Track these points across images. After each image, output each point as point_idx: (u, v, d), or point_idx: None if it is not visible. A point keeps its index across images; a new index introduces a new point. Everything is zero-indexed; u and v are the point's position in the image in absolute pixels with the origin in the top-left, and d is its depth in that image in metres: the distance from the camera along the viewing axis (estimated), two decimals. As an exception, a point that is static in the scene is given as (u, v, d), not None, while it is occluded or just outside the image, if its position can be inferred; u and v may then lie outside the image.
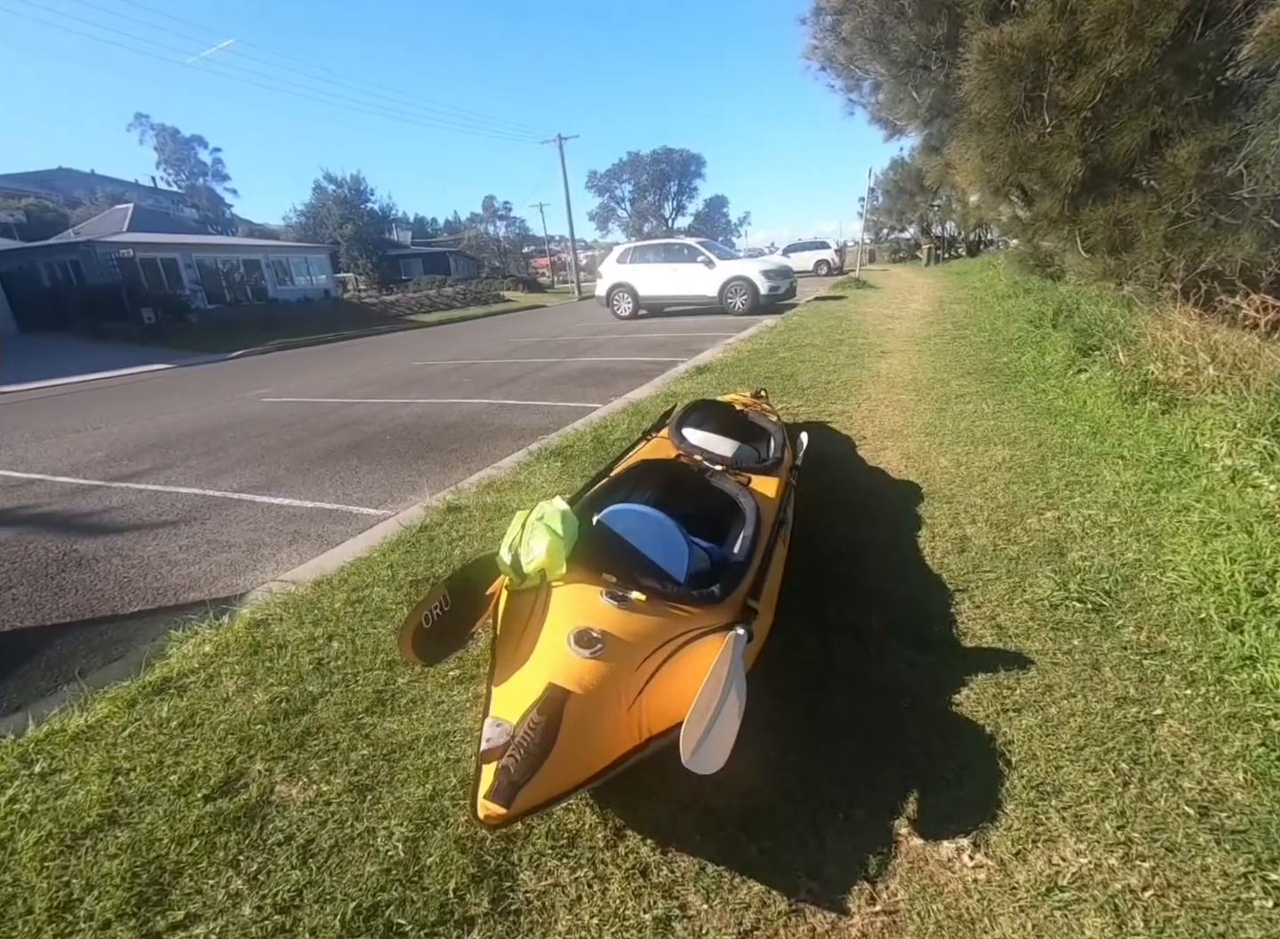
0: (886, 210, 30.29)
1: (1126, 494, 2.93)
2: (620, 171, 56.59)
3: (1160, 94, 5.51)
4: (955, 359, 6.35)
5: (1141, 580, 2.24)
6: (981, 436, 3.85)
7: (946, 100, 7.47)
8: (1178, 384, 4.01)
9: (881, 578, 2.33)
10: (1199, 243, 5.73)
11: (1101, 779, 1.37)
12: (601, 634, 1.24)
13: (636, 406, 4.81)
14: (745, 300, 11.72)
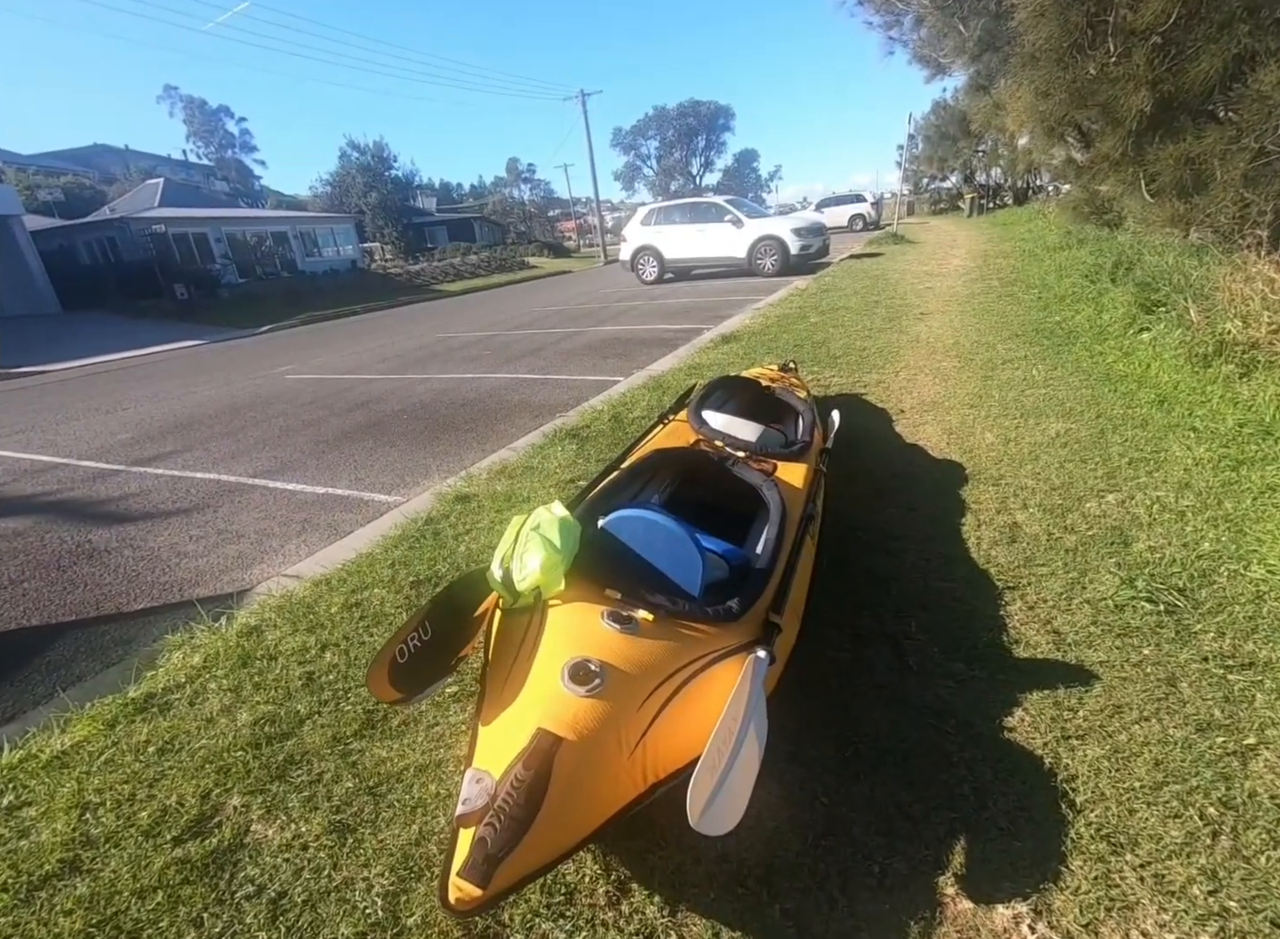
0: (927, 158, 28.45)
1: (1200, 473, 2.63)
2: (646, 128, 54.61)
3: (1247, 10, 4.88)
4: (1001, 320, 5.91)
5: (1221, 576, 1.98)
6: (1031, 408, 3.54)
7: (997, 32, 6.83)
8: (1260, 344, 3.60)
9: (922, 574, 2.12)
10: (1282, 181, 5.15)
11: (1186, 828, 1.18)
12: (601, 667, 1.09)
13: (658, 381, 4.58)
14: (775, 261, 11.19)
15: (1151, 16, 5.05)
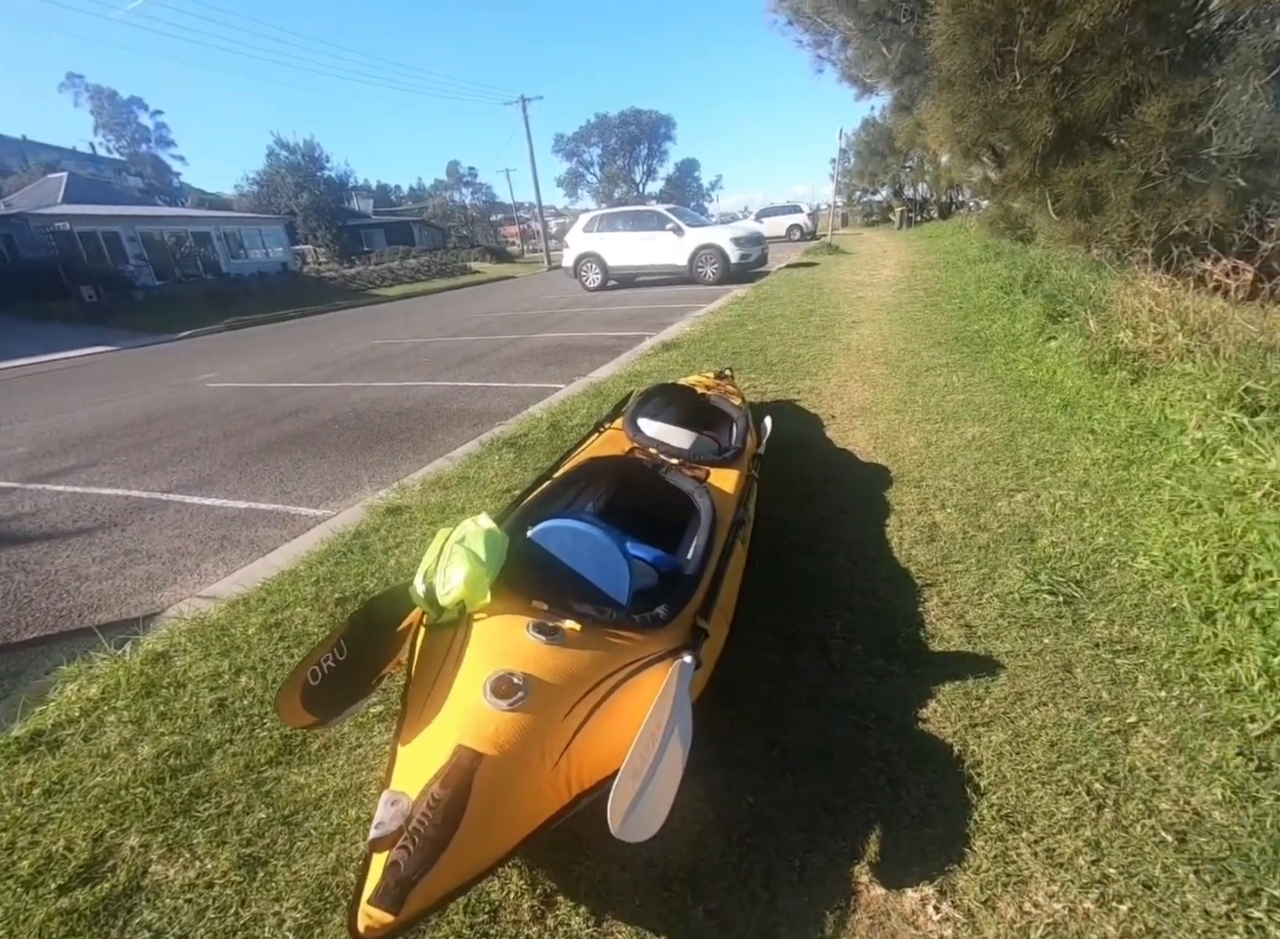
0: (858, 172, 29.76)
1: (1097, 471, 2.84)
2: (588, 135, 54.75)
3: (1131, 47, 5.34)
4: (926, 328, 6.22)
5: (1113, 567, 2.15)
6: (951, 412, 3.74)
7: (916, 56, 7.20)
8: (1148, 353, 3.92)
9: (849, 575, 2.20)
10: (1168, 204, 5.64)
11: (1075, 804, 1.27)
12: (524, 679, 1.08)
13: (598, 388, 4.59)
14: (716, 269, 11.42)
15: (1051, 49, 5.45)
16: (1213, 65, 5.27)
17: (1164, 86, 5.28)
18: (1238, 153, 5.16)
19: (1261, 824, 1.20)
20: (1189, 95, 5.21)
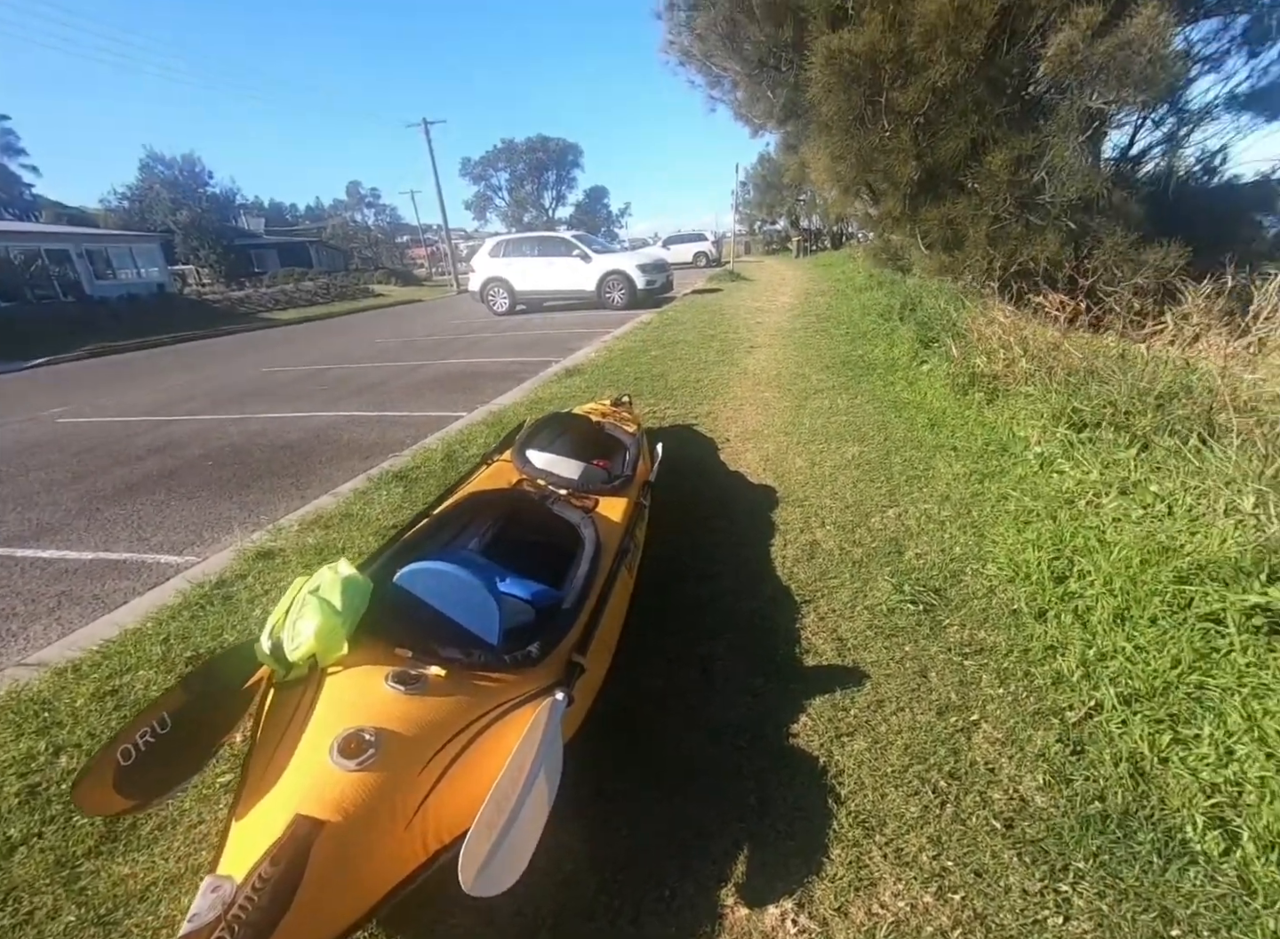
0: (757, 204, 31.55)
1: (957, 486, 3.11)
2: (495, 159, 54.73)
3: (977, 104, 6.01)
4: (816, 352, 6.63)
5: (967, 575, 2.36)
6: (835, 433, 3.99)
7: (798, 101, 7.72)
8: (999, 376, 4.37)
9: (735, 596, 2.28)
10: (1014, 242, 6.35)
11: (922, 802, 1.37)
12: (376, 735, 1.04)
13: (498, 416, 4.54)
14: (623, 294, 11.66)
15: (911, 101, 6.01)
16: (1043, 123, 6.00)
17: (1005, 140, 5.96)
18: (1066, 199, 5.89)
19: (1073, 803, 1.34)
20: (1025, 148, 5.91)
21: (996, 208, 6.28)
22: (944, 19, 5.35)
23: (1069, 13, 5.17)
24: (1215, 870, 1.17)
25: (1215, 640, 1.75)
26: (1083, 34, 5.10)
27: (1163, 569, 2.01)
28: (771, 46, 7.20)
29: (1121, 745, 1.49)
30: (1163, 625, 1.84)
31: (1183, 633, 1.79)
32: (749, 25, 7.25)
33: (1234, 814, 1.28)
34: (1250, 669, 1.62)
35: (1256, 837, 1.21)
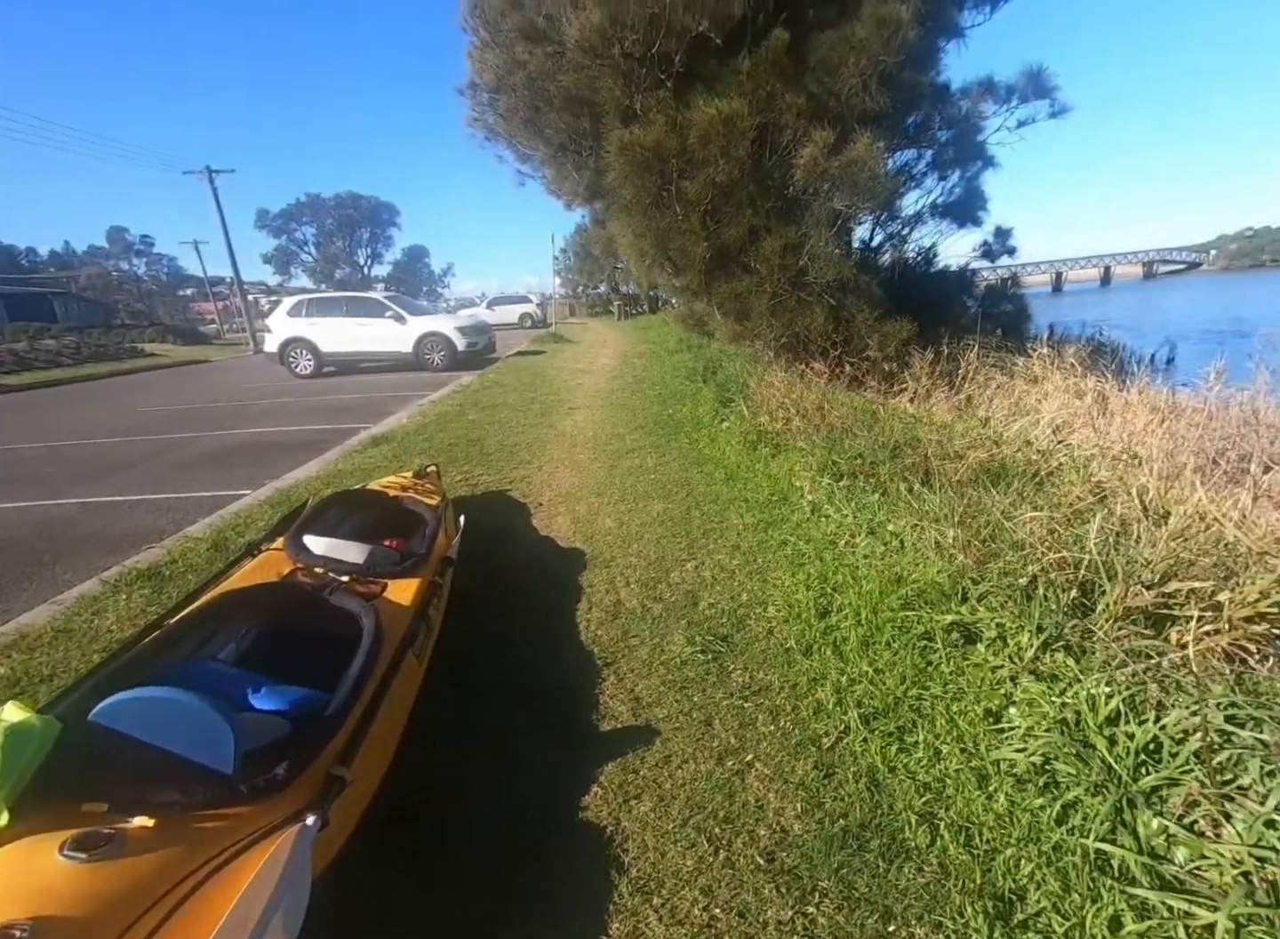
0: (578, 269, 33.26)
1: (746, 535, 3.45)
2: (299, 213, 51.50)
3: (751, 199, 6.99)
4: (631, 413, 7.02)
5: (751, 619, 2.60)
6: (643, 492, 4.22)
7: (600, 183, 8.39)
8: (780, 433, 4.99)
9: (536, 666, 2.28)
10: (790, 314, 7.37)
11: (698, 854, 1.45)
12: (33, 928, 0.86)
13: (286, 494, 4.13)
14: (444, 357, 11.44)
15: (696, 192, 6.80)
16: (803, 218, 7.13)
17: (776, 229, 6.97)
18: (825, 281, 7.00)
19: (823, 825, 1.51)
20: (791, 237, 6.95)
21: (773, 285, 7.27)
22: (715, 127, 6.21)
23: (810, 133, 6.29)
24: (923, 862, 1.39)
25: (930, 655, 2.11)
26: (821, 151, 6.22)
27: (893, 598, 2.40)
28: (572, 133, 7.78)
29: (862, 762, 1.72)
30: (894, 648, 2.19)
31: (907, 653, 2.14)
32: (549, 113, 7.79)
33: (939, 807, 1.53)
34: (952, 677, 1.98)
35: (950, 823, 1.46)
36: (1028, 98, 7.66)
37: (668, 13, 5.58)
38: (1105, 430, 4.67)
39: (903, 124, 7.71)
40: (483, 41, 6.96)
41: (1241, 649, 1.78)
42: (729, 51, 6.26)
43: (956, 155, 8.00)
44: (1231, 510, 2.26)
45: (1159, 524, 2.28)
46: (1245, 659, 1.77)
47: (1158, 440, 4.24)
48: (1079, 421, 4.94)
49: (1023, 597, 2.07)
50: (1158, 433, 4.42)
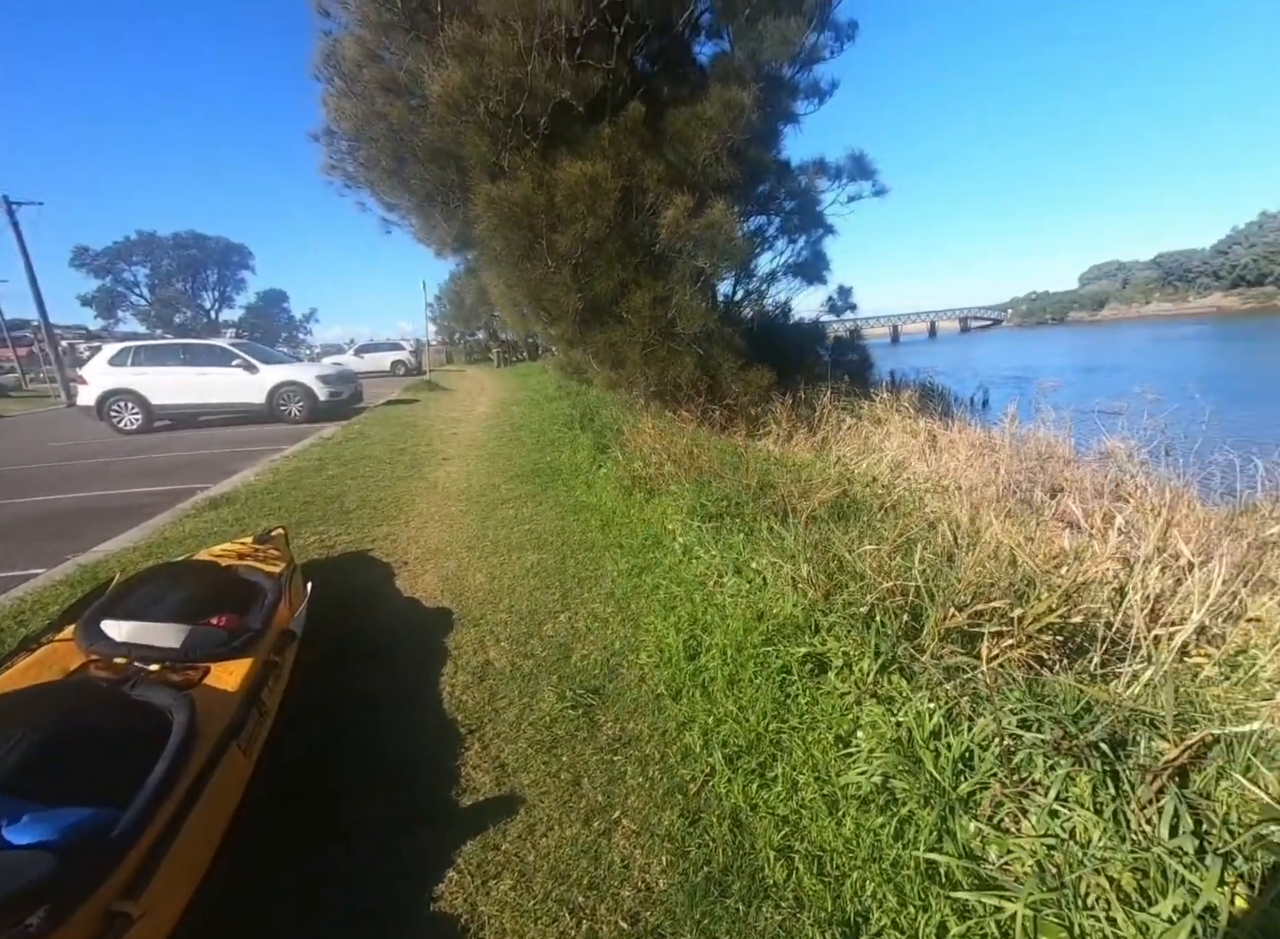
0: (454, 316, 32.70)
1: (621, 582, 3.46)
2: (128, 252, 46.35)
3: (619, 254, 7.30)
4: (508, 462, 6.90)
5: (623, 667, 2.59)
6: (517, 543, 4.13)
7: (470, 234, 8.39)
8: (654, 477, 5.13)
9: (397, 741, 2.10)
10: (661, 363, 7.70)
11: (560, 929, 1.38)
12: None
13: (93, 571, 3.55)
14: (302, 407, 10.63)
15: (566, 247, 6.98)
16: (669, 274, 7.54)
17: (645, 283, 7.31)
18: (692, 332, 7.40)
19: (687, 876, 1.50)
20: (659, 291, 7.31)
21: (645, 336, 7.57)
22: (580, 187, 6.47)
23: (671, 197, 6.73)
24: (780, 899, 1.42)
25: (789, 688, 2.22)
26: (682, 214, 6.66)
27: (756, 634, 2.51)
28: (438, 185, 7.76)
29: (726, 803, 1.74)
30: (757, 683, 2.28)
31: (768, 687, 2.23)
32: (414, 164, 7.74)
33: (795, 840, 1.58)
34: (807, 707, 2.09)
35: (805, 854, 1.51)
36: (855, 178, 8.81)
37: (530, 79, 5.82)
38: (935, 465, 5.30)
39: (753, 193, 8.52)
40: (339, 90, 6.84)
41: (1038, 658, 2.05)
42: (592, 119, 6.63)
43: (802, 222, 8.95)
44: (1019, 535, 2.62)
45: (970, 550, 2.59)
46: (1042, 665, 2.04)
47: (975, 473, 4.88)
48: (915, 458, 5.57)
49: (863, 625, 2.26)
50: (975, 466, 5.09)
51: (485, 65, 5.59)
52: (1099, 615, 2.09)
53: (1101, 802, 1.20)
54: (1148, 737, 1.39)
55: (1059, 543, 2.76)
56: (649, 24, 6.84)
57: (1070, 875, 1.12)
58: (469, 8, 5.47)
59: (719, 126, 6.54)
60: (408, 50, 6.19)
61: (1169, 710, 1.31)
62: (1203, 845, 1.06)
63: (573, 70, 6.09)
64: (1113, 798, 1.20)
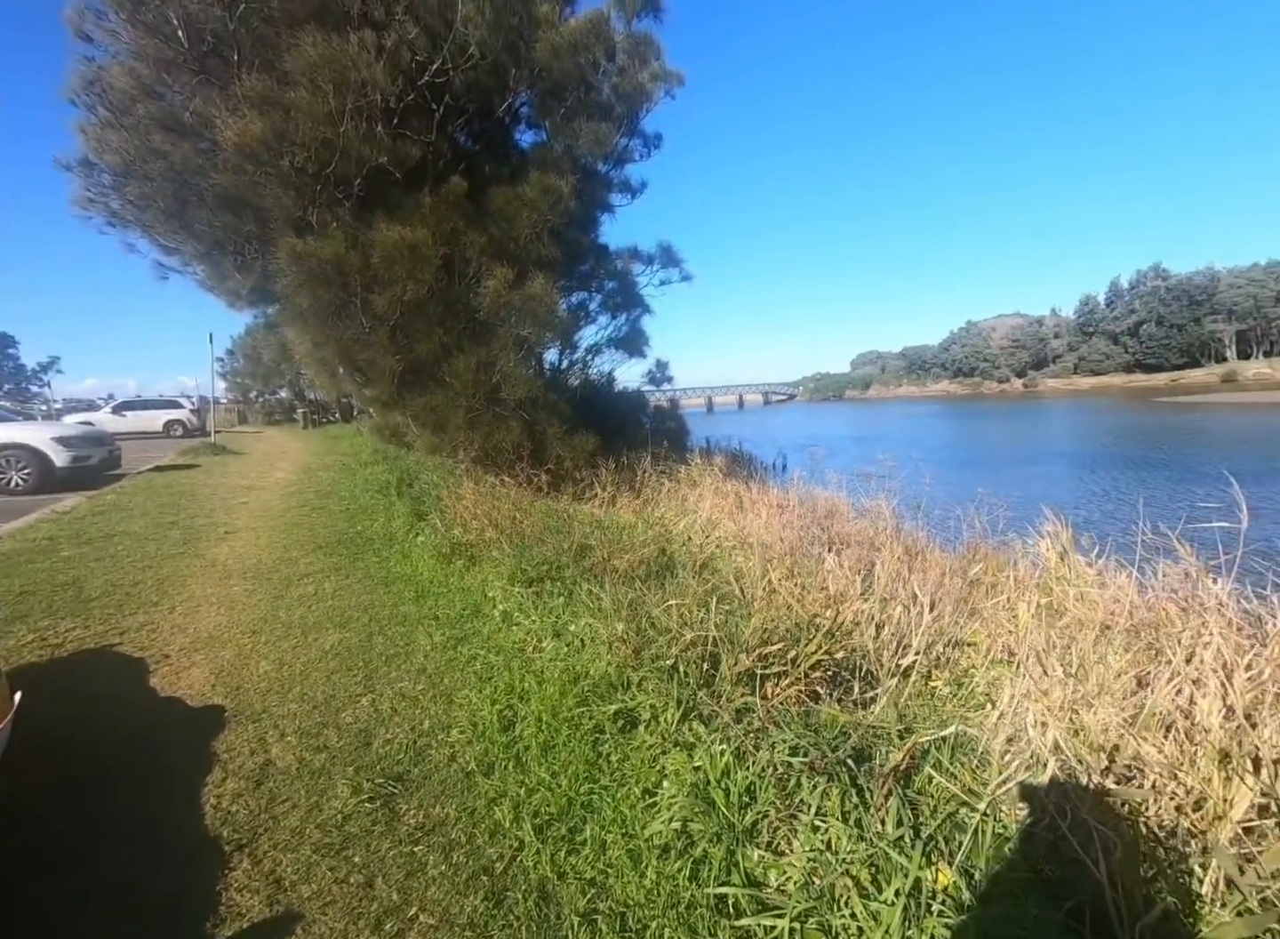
0: (251, 373, 29.23)
1: (434, 656, 3.27)
2: None
3: (441, 319, 7.22)
4: (310, 533, 6.25)
5: (433, 748, 2.43)
6: (315, 623, 3.72)
7: (269, 288, 7.76)
8: (475, 544, 4.99)
9: (122, 885, 1.72)
10: (487, 428, 7.62)
11: (339, 1062, 1.22)
12: None
13: None
14: (29, 476, 8.61)
15: (384, 308, 6.74)
16: (493, 341, 7.59)
17: (468, 349, 7.26)
18: (518, 398, 7.45)
19: (489, 965, 1.42)
20: (484, 356, 7.30)
21: (469, 400, 7.47)
22: (399, 251, 6.36)
23: (493, 268, 6.88)
24: (583, 966, 1.40)
25: (601, 747, 2.25)
26: (503, 285, 6.84)
27: (571, 697, 2.52)
28: (231, 233, 7.14)
29: (534, 877, 1.70)
30: (571, 746, 2.28)
31: (581, 748, 2.24)
32: (201, 209, 7.05)
33: (601, 900, 1.59)
34: (618, 764, 2.14)
35: (609, 913, 1.53)
36: (665, 265, 9.83)
37: (343, 140, 5.73)
38: (742, 523, 5.86)
39: (576, 271, 9.07)
40: (104, 121, 6.08)
41: (814, 692, 2.33)
42: (412, 186, 6.65)
43: (623, 301, 9.66)
44: (798, 585, 3.01)
45: (758, 600, 2.90)
46: (817, 699, 2.32)
47: (772, 530, 5.48)
48: (725, 517, 6.11)
49: (669, 676, 2.39)
50: (773, 524, 5.71)
51: (291, 120, 5.40)
52: (855, 651, 2.45)
53: (847, 810, 1.41)
54: (885, 749, 1.66)
55: (831, 589, 3.21)
56: (470, 107, 7.17)
57: (826, 882, 1.29)
58: (272, 62, 5.30)
59: (539, 208, 6.94)
60: (195, 92, 5.75)
61: (891, 725, 1.58)
62: (917, 833, 1.29)
63: (390, 138, 6.13)
64: (854, 806, 1.40)
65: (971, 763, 1.56)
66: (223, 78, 5.49)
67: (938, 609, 3.22)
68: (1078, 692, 1.80)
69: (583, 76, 7.39)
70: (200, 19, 5.19)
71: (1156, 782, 1.24)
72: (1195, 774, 1.21)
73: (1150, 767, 1.26)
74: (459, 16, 6.25)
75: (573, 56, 7.02)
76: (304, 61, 5.12)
